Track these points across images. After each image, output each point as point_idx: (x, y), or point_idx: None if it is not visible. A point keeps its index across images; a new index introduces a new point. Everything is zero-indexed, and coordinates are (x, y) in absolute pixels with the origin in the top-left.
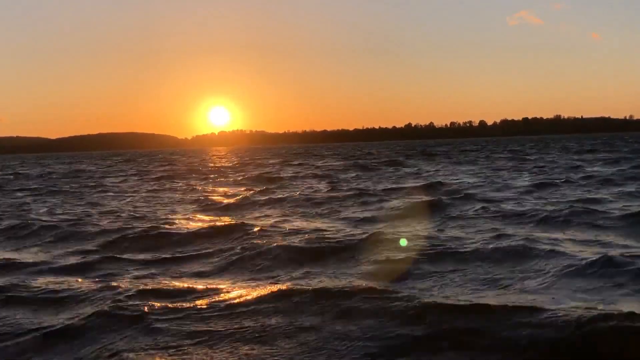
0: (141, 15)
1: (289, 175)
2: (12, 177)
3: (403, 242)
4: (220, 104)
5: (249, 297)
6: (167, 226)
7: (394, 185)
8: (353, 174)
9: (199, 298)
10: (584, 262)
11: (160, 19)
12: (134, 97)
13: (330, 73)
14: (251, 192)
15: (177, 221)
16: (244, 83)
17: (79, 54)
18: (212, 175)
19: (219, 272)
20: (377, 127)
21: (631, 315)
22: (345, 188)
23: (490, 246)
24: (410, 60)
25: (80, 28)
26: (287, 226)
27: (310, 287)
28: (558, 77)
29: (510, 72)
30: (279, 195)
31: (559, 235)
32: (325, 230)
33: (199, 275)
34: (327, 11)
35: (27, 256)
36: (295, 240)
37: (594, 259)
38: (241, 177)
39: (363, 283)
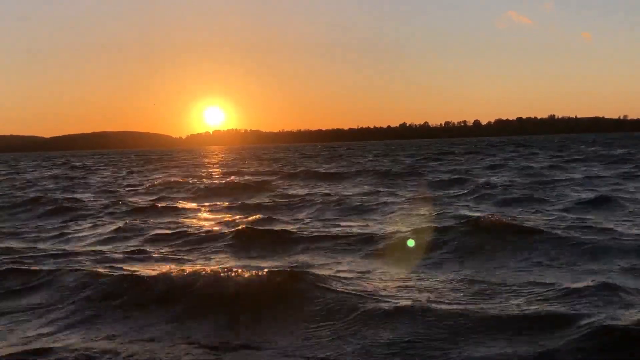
0: (136, 14)
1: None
2: None
3: (411, 243)
4: (215, 103)
5: None
6: None
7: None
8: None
9: None
10: None
11: (155, 18)
12: (128, 96)
13: (325, 73)
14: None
15: None
16: (239, 82)
17: (74, 53)
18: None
19: None
20: (371, 126)
21: None
22: None
23: None
24: (405, 61)
25: (75, 27)
26: None
27: None
28: (551, 77)
29: (504, 72)
30: None
31: None
32: None
33: None
34: (322, 11)
35: None
36: None
37: None
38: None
39: None
